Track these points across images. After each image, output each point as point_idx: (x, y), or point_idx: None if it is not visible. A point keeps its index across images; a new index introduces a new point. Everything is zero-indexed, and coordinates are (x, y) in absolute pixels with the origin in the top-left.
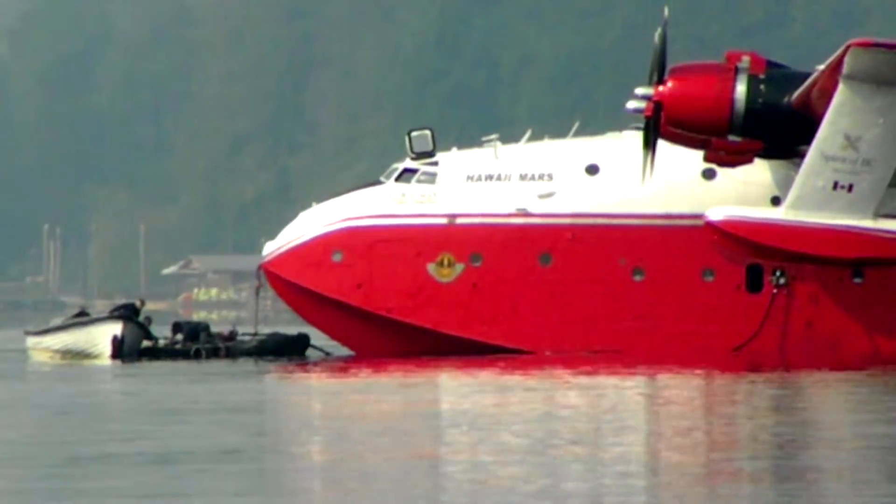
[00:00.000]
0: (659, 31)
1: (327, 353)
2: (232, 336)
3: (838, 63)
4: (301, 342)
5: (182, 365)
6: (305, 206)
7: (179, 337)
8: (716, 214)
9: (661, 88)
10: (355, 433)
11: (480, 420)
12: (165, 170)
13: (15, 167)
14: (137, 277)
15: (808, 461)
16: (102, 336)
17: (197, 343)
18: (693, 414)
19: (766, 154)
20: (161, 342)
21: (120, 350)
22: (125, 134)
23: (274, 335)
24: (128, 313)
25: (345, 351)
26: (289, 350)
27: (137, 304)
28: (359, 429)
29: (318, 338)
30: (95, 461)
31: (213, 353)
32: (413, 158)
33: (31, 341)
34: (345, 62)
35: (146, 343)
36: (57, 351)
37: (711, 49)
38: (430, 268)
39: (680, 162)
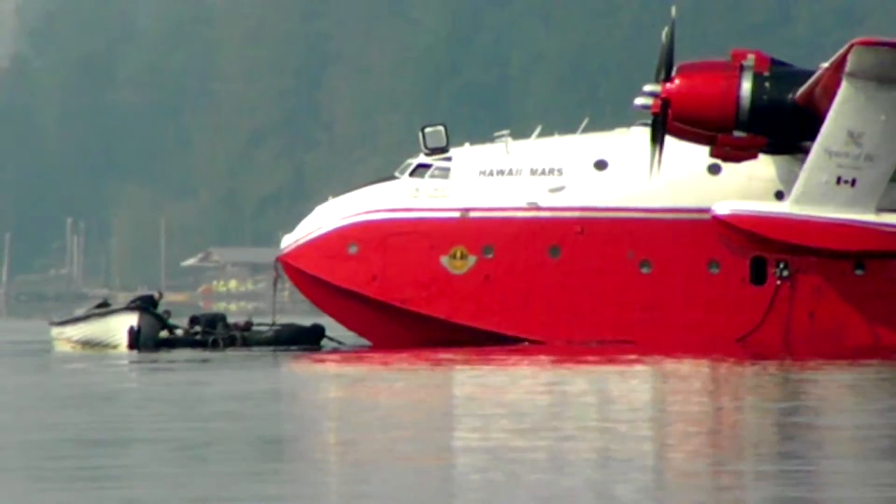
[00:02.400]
0: (666, 29)
1: (340, 343)
2: (248, 326)
3: (842, 61)
4: (316, 333)
5: (200, 354)
6: (322, 200)
7: (198, 328)
8: (722, 208)
9: (668, 86)
10: (387, 421)
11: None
12: (185, 165)
13: (39, 163)
14: (158, 270)
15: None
16: (119, 326)
17: (214, 333)
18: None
19: (771, 150)
20: (178, 332)
21: (136, 340)
22: (146, 130)
23: (289, 326)
24: (144, 304)
25: (360, 341)
26: (304, 340)
27: (156, 295)
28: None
29: (333, 328)
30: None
31: (230, 343)
32: (427, 154)
33: (55, 331)
34: (359, 60)
35: (164, 333)
36: (77, 341)
37: (717, 48)
38: (444, 260)
39: (686, 157)
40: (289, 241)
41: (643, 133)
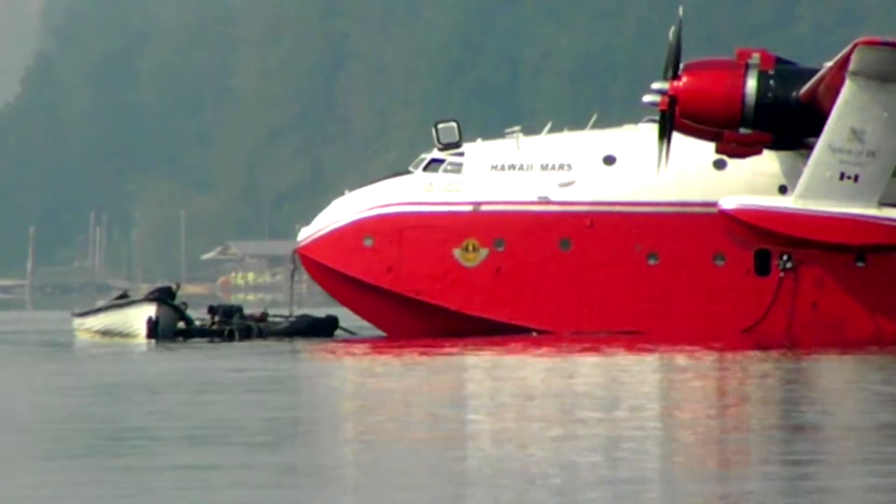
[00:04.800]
0: (673, 28)
1: (353, 334)
2: (263, 317)
3: (845, 60)
4: (330, 323)
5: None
6: (338, 194)
7: (215, 319)
8: (729, 203)
9: (675, 83)
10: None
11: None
12: (205, 160)
13: (63, 158)
14: (178, 262)
15: None
16: (138, 317)
17: (230, 324)
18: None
19: (775, 146)
20: (197, 324)
21: (154, 330)
22: (167, 126)
23: (304, 317)
24: (162, 296)
25: (375, 332)
26: (318, 331)
27: (173, 287)
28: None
29: (348, 319)
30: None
31: (246, 334)
32: (440, 149)
33: (76, 322)
34: (375, 58)
35: (181, 324)
36: (97, 331)
37: (722, 47)
38: (456, 253)
39: (693, 153)
40: (306, 235)
41: (651, 129)
